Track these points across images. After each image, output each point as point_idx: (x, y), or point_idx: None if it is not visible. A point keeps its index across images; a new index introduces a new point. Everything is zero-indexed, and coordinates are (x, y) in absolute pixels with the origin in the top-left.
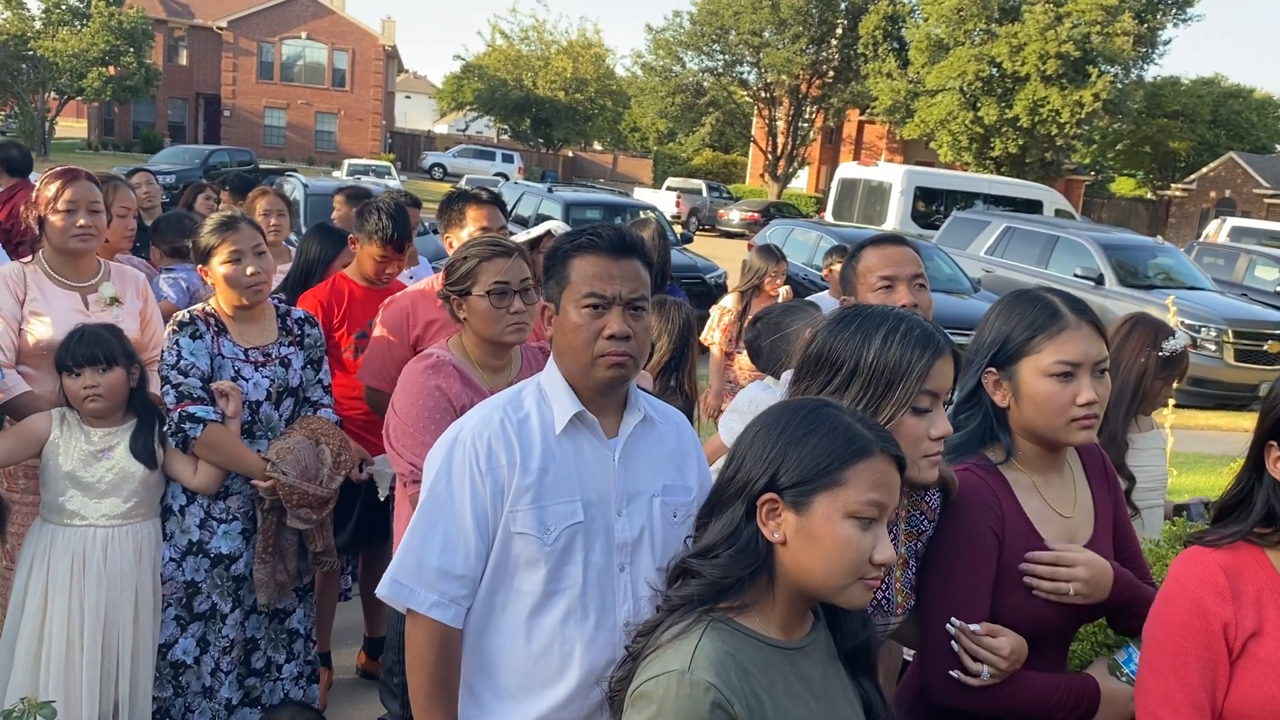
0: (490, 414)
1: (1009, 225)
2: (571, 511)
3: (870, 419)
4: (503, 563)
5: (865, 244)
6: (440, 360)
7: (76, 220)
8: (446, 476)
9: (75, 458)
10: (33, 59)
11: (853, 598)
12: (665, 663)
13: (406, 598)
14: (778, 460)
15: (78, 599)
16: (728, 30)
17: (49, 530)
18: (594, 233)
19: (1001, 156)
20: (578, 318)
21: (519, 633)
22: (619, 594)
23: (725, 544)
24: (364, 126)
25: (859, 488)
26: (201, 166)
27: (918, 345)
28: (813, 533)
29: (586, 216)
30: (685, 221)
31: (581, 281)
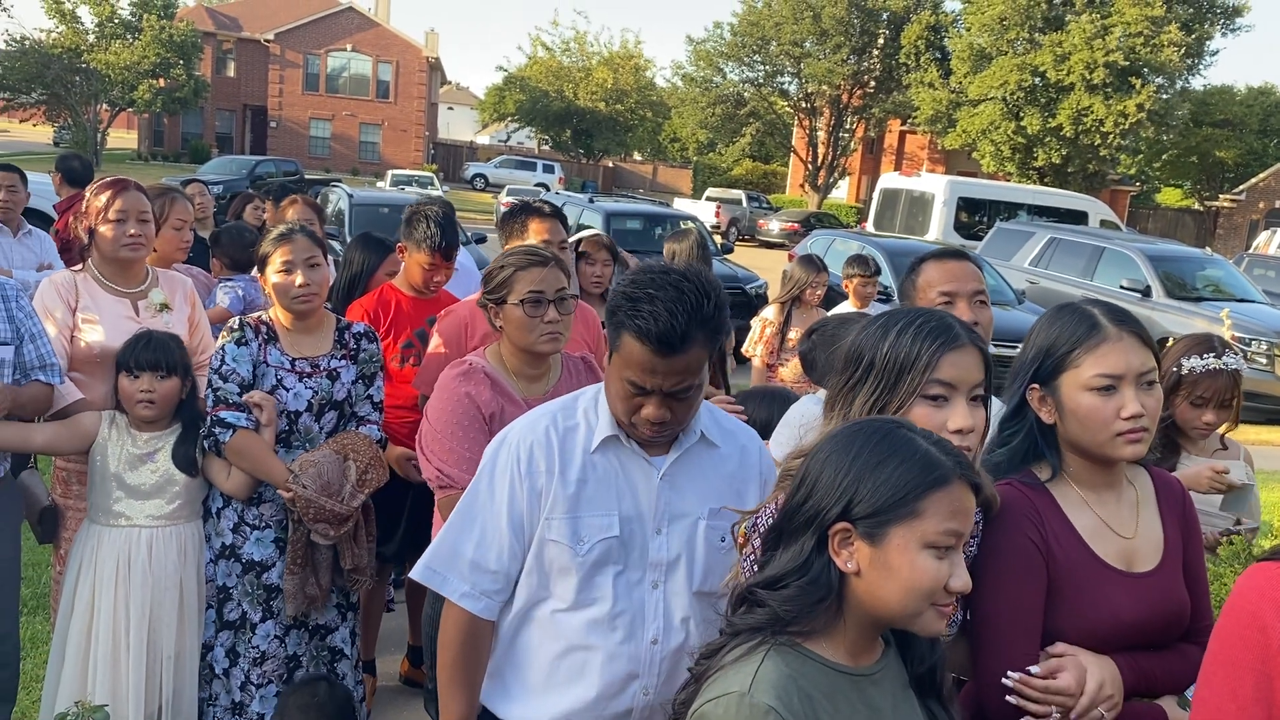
0: (538, 420)
1: (1053, 236)
2: (607, 525)
3: (946, 441)
4: (538, 566)
5: (926, 257)
6: (473, 368)
7: (127, 230)
8: (490, 476)
9: (121, 460)
10: (85, 71)
11: (927, 624)
12: (726, 684)
13: (439, 584)
14: (851, 489)
15: (123, 599)
16: (768, 41)
17: (95, 530)
18: (651, 315)
19: (1045, 167)
20: (619, 388)
21: (546, 633)
22: (649, 611)
23: (794, 574)
24: (407, 137)
25: (936, 518)
26: (248, 177)
27: (929, 337)
28: (888, 564)
29: (627, 227)
30: (725, 232)
31: (626, 362)
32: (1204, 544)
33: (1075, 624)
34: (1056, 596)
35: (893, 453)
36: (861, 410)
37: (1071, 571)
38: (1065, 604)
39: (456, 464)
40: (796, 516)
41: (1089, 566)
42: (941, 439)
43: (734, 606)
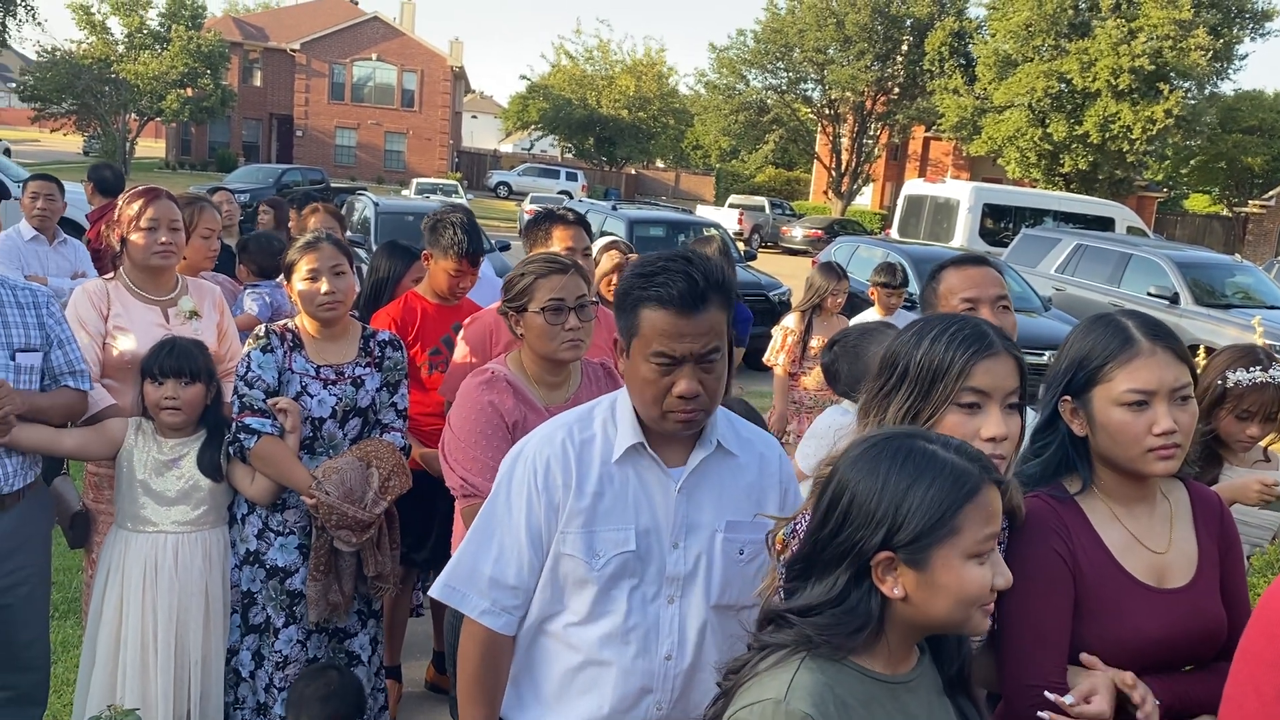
0: (554, 432)
1: (1080, 243)
2: (623, 539)
3: (965, 444)
4: (552, 579)
5: (946, 264)
6: (495, 376)
7: (158, 238)
8: (507, 490)
9: (147, 466)
10: (115, 81)
11: (975, 626)
12: (761, 691)
13: (459, 602)
14: (888, 517)
15: (150, 604)
16: (792, 48)
17: (123, 536)
18: (666, 280)
19: (1071, 173)
20: (646, 372)
21: (560, 646)
22: (664, 626)
23: (830, 605)
24: (432, 146)
25: (974, 528)
26: (275, 185)
27: (963, 344)
28: (935, 584)
29: (650, 234)
30: (748, 238)
31: (651, 336)
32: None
33: (1101, 639)
34: (1083, 611)
35: (921, 472)
36: (895, 418)
37: (1098, 586)
38: (1092, 618)
39: (480, 472)
40: (828, 549)
41: (1116, 581)
42: (961, 443)
43: (760, 624)
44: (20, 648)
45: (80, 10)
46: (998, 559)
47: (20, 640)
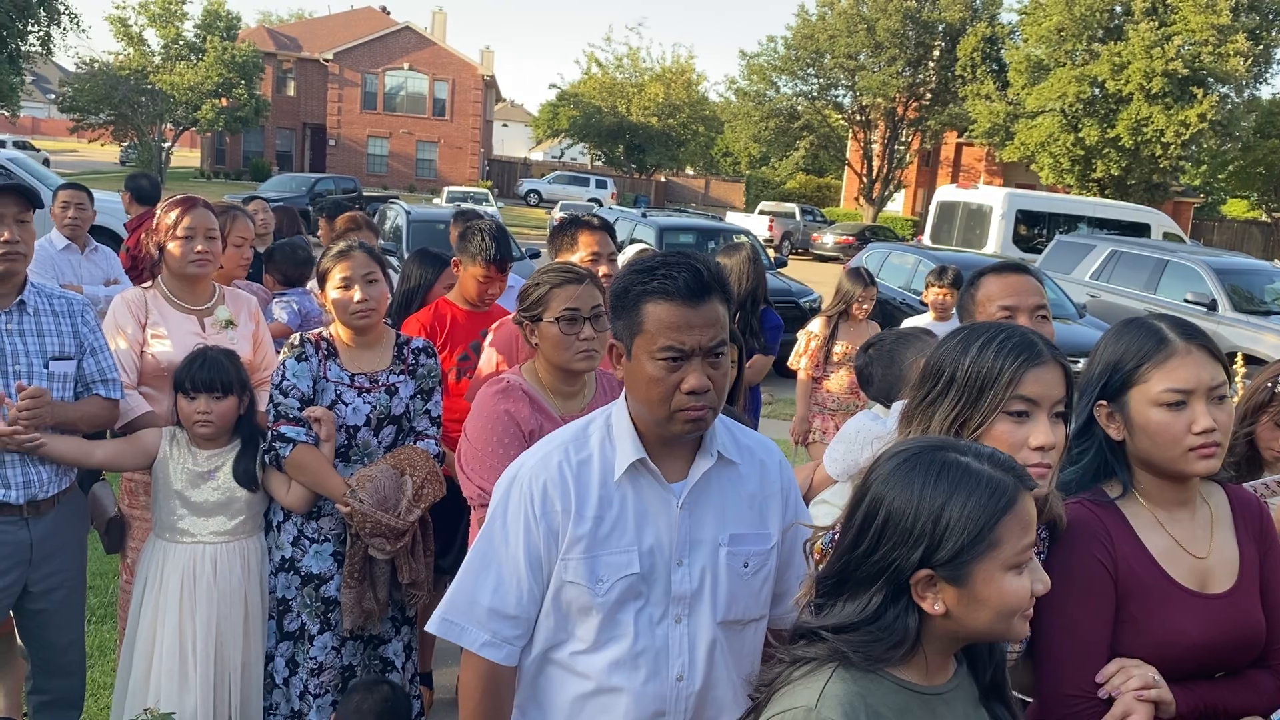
0: (549, 455)
1: (1115, 249)
2: (626, 562)
3: (996, 452)
4: (555, 607)
5: (985, 271)
6: (511, 385)
7: (194, 246)
8: (502, 517)
9: (183, 477)
10: (151, 92)
11: (1015, 632)
12: (793, 699)
13: (458, 635)
14: (925, 534)
15: (189, 614)
16: (822, 54)
17: (161, 546)
18: (668, 274)
19: (1105, 179)
20: (653, 369)
21: (568, 674)
22: (673, 648)
23: (866, 623)
24: (463, 154)
25: (1012, 539)
26: (308, 194)
27: (1012, 352)
28: (977, 598)
29: (680, 241)
30: (778, 245)
31: (657, 331)
32: None
33: (1144, 644)
34: (1125, 616)
35: (957, 486)
36: (941, 426)
37: (1141, 591)
38: (1134, 624)
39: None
40: (863, 567)
41: (1160, 586)
42: (993, 452)
43: (791, 639)
44: (56, 652)
45: (118, 22)
46: (1035, 564)
47: (56, 645)
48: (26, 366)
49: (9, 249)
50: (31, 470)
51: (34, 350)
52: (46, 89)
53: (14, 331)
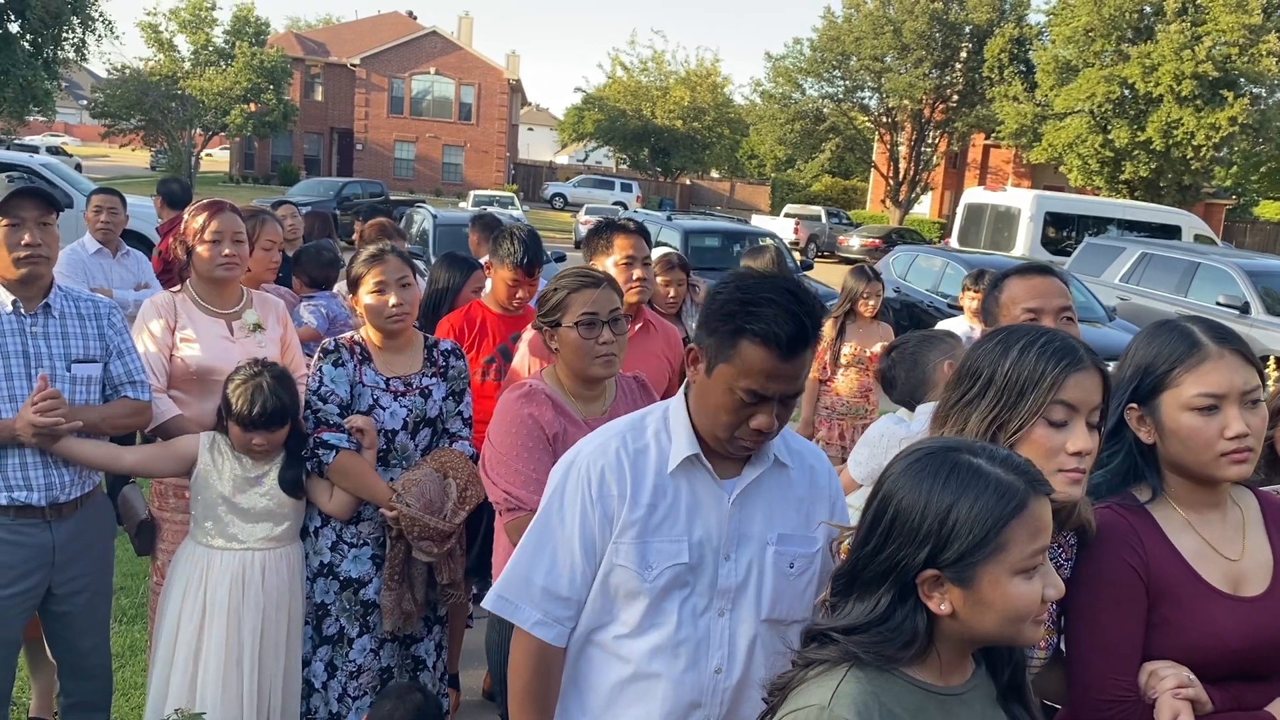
0: (608, 441)
1: (1145, 251)
2: (676, 551)
3: (1011, 454)
4: (603, 590)
5: (1009, 273)
6: (533, 389)
7: (222, 250)
8: (560, 499)
9: (230, 484)
10: (181, 97)
11: (1026, 637)
12: (806, 697)
13: (511, 613)
14: (931, 535)
15: (235, 621)
16: (848, 56)
17: (202, 553)
18: (776, 320)
19: (1134, 180)
20: (728, 400)
21: (609, 657)
22: (714, 639)
23: (875, 624)
24: (489, 158)
25: (1020, 544)
26: (336, 198)
27: (1054, 357)
28: (982, 600)
29: (705, 244)
30: (804, 248)
31: (745, 371)
32: None
33: (1177, 646)
34: (1157, 619)
35: (965, 488)
36: (978, 428)
37: (1174, 594)
38: (1167, 627)
39: (523, 485)
40: (871, 566)
41: (1192, 589)
42: (1008, 455)
43: (804, 641)
44: (81, 655)
45: (149, 29)
46: (1048, 569)
47: (81, 648)
48: (50, 369)
49: (32, 252)
50: (53, 472)
51: (57, 353)
52: (79, 95)
53: (38, 334)
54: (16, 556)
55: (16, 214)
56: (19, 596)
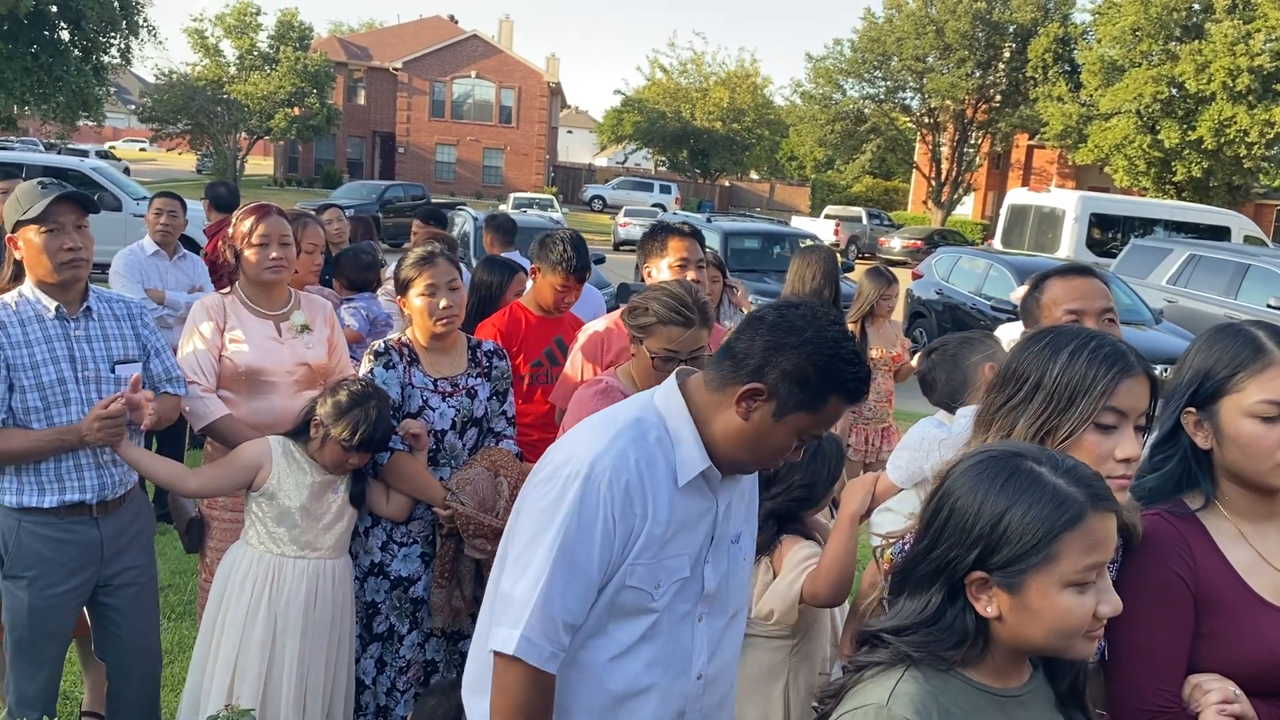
0: (625, 451)
1: (1193, 253)
2: (680, 566)
3: (1079, 466)
4: (608, 610)
5: (1050, 274)
6: (609, 387)
7: (269, 253)
8: (577, 518)
9: (304, 491)
10: (226, 102)
11: (1077, 652)
12: (864, 697)
13: (532, 655)
14: (982, 537)
15: (309, 629)
16: (890, 57)
17: (272, 560)
18: (858, 378)
19: (1183, 181)
20: (786, 443)
21: (600, 677)
22: (696, 645)
23: (925, 624)
24: (528, 161)
25: (1073, 558)
26: (378, 201)
27: (1105, 362)
28: (1029, 608)
29: (745, 246)
30: (844, 250)
31: (823, 420)
32: None
33: (1225, 659)
34: (1206, 631)
35: (1021, 494)
36: (1025, 433)
37: (1223, 606)
38: (1215, 639)
39: None
40: (923, 564)
41: (1242, 601)
42: (1074, 465)
43: (856, 645)
44: (131, 650)
45: (195, 34)
46: (1105, 585)
47: (131, 642)
48: (95, 371)
49: (74, 256)
50: (105, 472)
51: (100, 355)
52: (127, 100)
53: (82, 337)
54: (67, 554)
55: (55, 219)
56: (70, 593)
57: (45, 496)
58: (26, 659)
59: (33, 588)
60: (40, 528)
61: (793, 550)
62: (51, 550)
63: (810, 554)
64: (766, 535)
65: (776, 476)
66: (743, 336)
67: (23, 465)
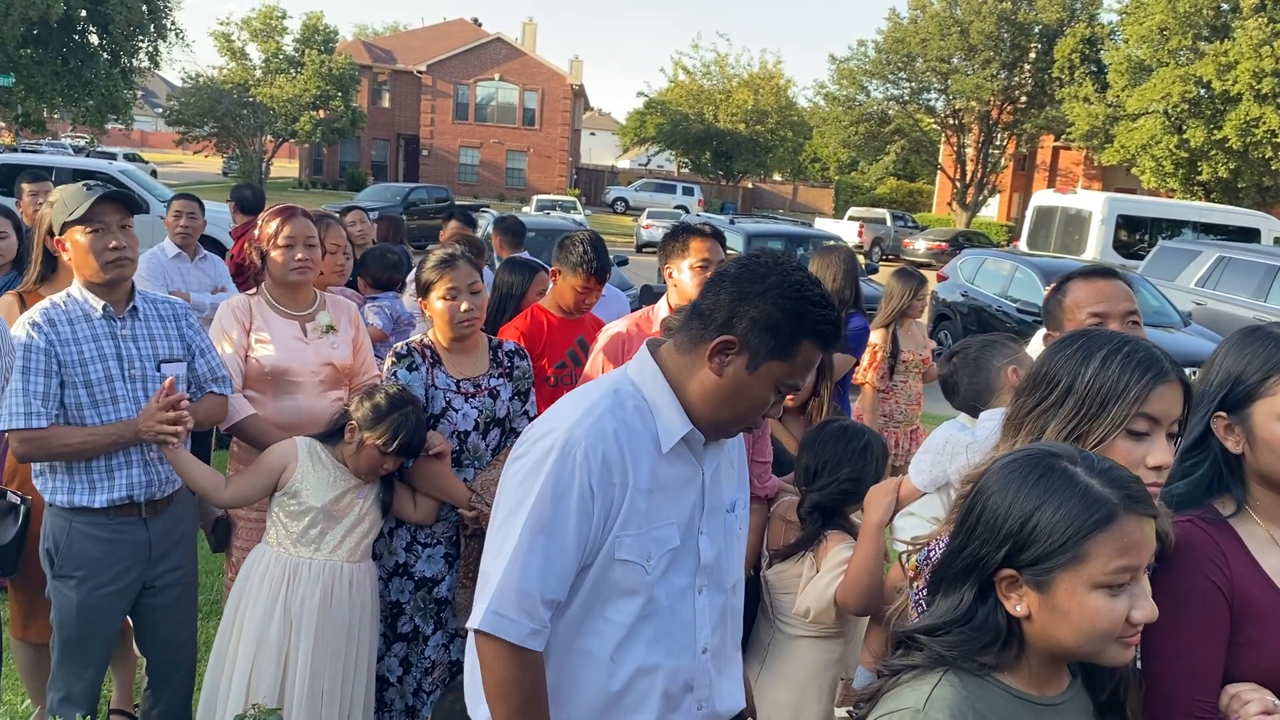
0: (601, 421)
1: (1222, 255)
2: (669, 536)
3: (1116, 468)
4: (598, 589)
5: (1073, 276)
6: None
7: (295, 254)
8: (551, 491)
9: (331, 492)
10: (252, 105)
11: (1111, 658)
12: (900, 700)
13: (508, 630)
14: (1012, 534)
15: (322, 630)
16: (914, 58)
17: (288, 559)
18: (833, 321)
19: (1211, 182)
20: (764, 395)
21: (603, 663)
22: (699, 619)
23: (957, 623)
24: (551, 163)
25: (1103, 559)
26: (402, 203)
27: (1139, 368)
28: (1057, 608)
29: (769, 248)
30: (868, 252)
31: (798, 368)
32: None
33: (1261, 668)
34: (1241, 639)
35: (1050, 493)
36: (1055, 438)
37: (1257, 613)
38: (1252, 648)
39: None
40: (955, 562)
41: (1277, 608)
42: (1110, 467)
43: (891, 648)
44: (171, 649)
45: (221, 38)
46: (1140, 591)
47: (172, 641)
48: (141, 370)
49: (119, 255)
50: (152, 469)
51: (146, 354)
52: (155, 103)
53: (128, 336)
54: (115, 554)
55: (100, 219)
56: (118, 593)
57: (96, 495)
58: (74, 658)
59: (82, 587)
60: (90, 528)
61: (835, 549)
62: (101, 551)
63: (849, 558)
64: (811, 528)
65: (823, 469)
66: (708, 294)
67: (74, 463)
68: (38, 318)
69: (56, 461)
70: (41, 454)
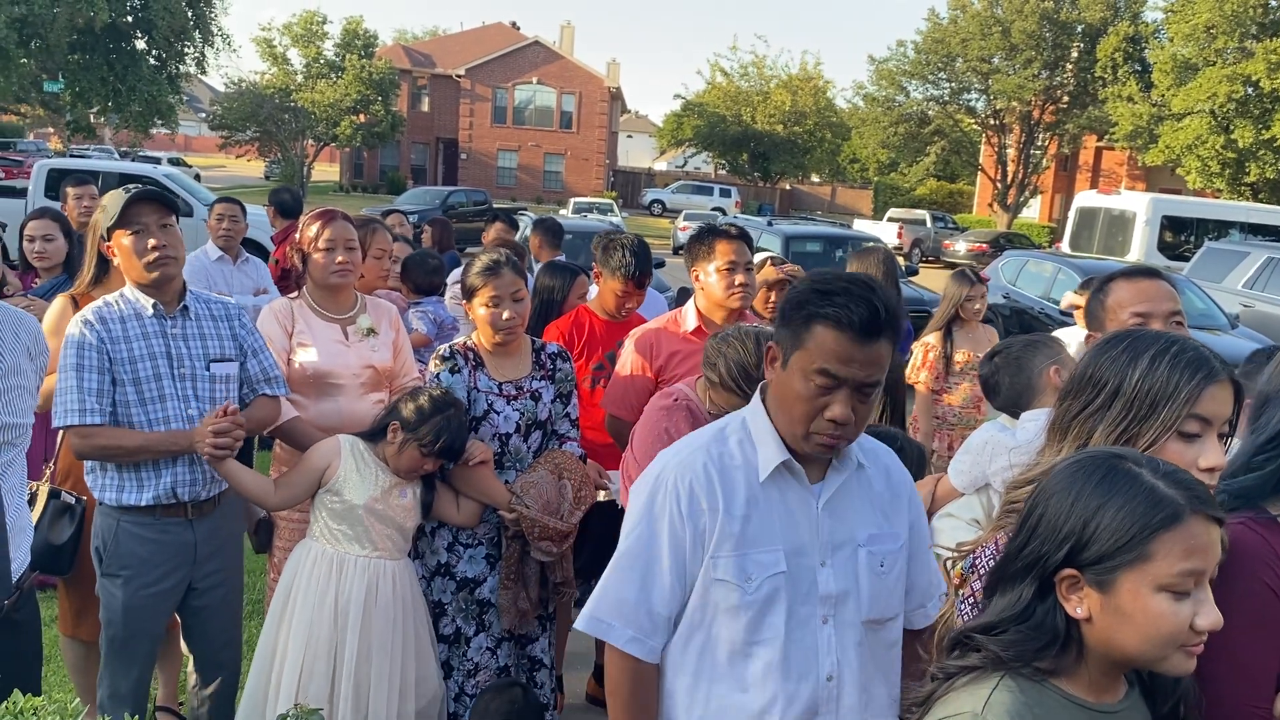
0: (693, 455)
1: (1271, 256)
2: (774, 561)
3: (1181, 471)
4: (701, 609)
5: (1115, 276)
6: (677, 402)
7: (335, 257)
8: (647, 518)
9: (375, 490)
10: (294, 110)
11: (1174, 666)
12: (957, 704)
13: (604, 632)
14: (1074, 533)
15: (369, 625)
16: (954, 58)
17: (333, 555)
18: (847, 303)
19: (1259, 182)
20: (802, 388)
21: (716, 680)
22: (822, 647)
23: (1014, 621)
24: (589, 166)
25: (1168, 560)
26: (441, 207)
27: (1189, 368)
28: (1120, 610)
29: (807, 249)
30: (908, 253)
31: (818, 354)
32: None
33: None
34: None
35: (1115, 492)
36: (1103, 441)
37: None
38: None
39: None
40: (1015, 561)
41: None
42: (1176, 470)
43: (946, 651)
44: (216, 649)
45: (264, 44)
46: (1204, 597)
47: (217, 641)
48: (190, 369)
49: (160, 254)
50: (197, 469)
51: (196, 353)
52: (198, 108)
53: (178, 335)
54: (162, 554)
55: (138, 220)
56: (163, 593)
57: (143, 492)
58: (121, 656)
59: (128, 586)
60: (137, 528)
61: None
62: (147, 550)
63: None
64: None
65: None
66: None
67: (124, 463)
68: (90, 316)
69: (109, 461)
70: (97, 452)
